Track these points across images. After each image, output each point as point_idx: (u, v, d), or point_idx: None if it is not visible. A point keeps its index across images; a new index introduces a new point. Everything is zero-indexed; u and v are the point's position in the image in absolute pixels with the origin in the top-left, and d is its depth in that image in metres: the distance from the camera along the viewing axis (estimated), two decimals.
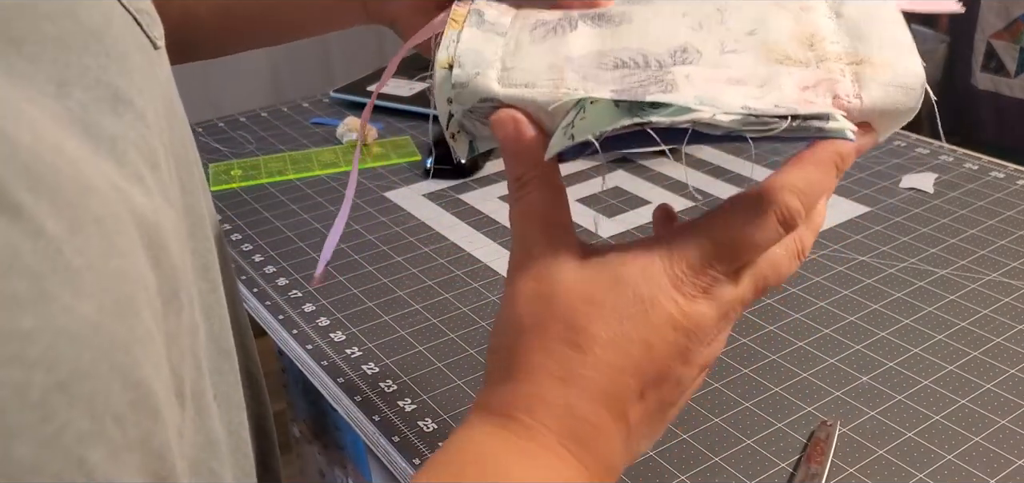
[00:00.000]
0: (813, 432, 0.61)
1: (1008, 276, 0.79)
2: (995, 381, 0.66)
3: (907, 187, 0.95)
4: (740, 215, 0.38)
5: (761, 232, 0.38)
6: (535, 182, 0.40)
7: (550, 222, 0.39)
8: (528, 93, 0.41)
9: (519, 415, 0.36)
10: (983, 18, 2.80)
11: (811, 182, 0.38)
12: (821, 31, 0.42)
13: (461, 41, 0.43)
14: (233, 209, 0.98)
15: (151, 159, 0.31)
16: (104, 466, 0.23)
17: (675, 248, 0.38)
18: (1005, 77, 2.79)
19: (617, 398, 0.37)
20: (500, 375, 0.38)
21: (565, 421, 0.36)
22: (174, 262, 0.30)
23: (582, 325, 0.37)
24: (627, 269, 0.38)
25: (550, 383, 0.36)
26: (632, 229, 0.90)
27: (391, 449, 0.63)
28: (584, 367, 0.36)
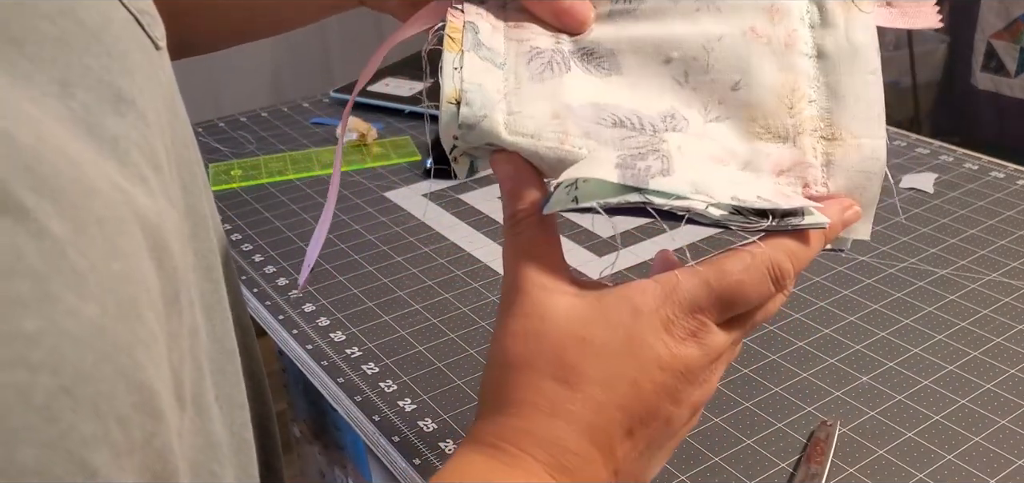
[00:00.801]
0: (813, 432, 0.61)
1: (1008, 276, 0.79)
2: (995, 381, 0.66)
3: (907, 187, 0.95)
4: (737, 270, 0.39)
5: (755, 289, 0.40)
6: (530, 222, 0.41)
7: (543, 261, 0.40)
8: (533, 144, 0.43)
9: (509, 447, 0.37)
10: (983, 18, 2.80)
11: (803, 249, 0.41)
12: (801, 85, 0.44)
13: (465, 72, 0.44)
14: (233, 209, 0.98)
15: (153, 160, 0.31)
16: (107, 469, 0.23)
17: (668, 292, 0.39)
18: (1005, 77, 2.80)
19: (605, 433, 0.38)
20: (491, 409, 0.39)
21: (553, 453, 0.37)
22: (176, 263, 0.29)
23: (572, 363, 0.38)
24: (618, 310, 0.39)
25: (539, 418, 0.37)
26: (632, 229, 0.90)
27: (391, 449, 0.63)
28: (573, 403, 0.37)
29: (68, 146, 0.26)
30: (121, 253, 0.26)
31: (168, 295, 0.28)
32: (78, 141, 0.27)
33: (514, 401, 0.38)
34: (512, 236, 0.41)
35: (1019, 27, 2.73)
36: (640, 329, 0.38)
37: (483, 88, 0.43)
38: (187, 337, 0.30)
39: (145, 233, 0.28)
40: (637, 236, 0.89)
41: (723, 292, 0.39)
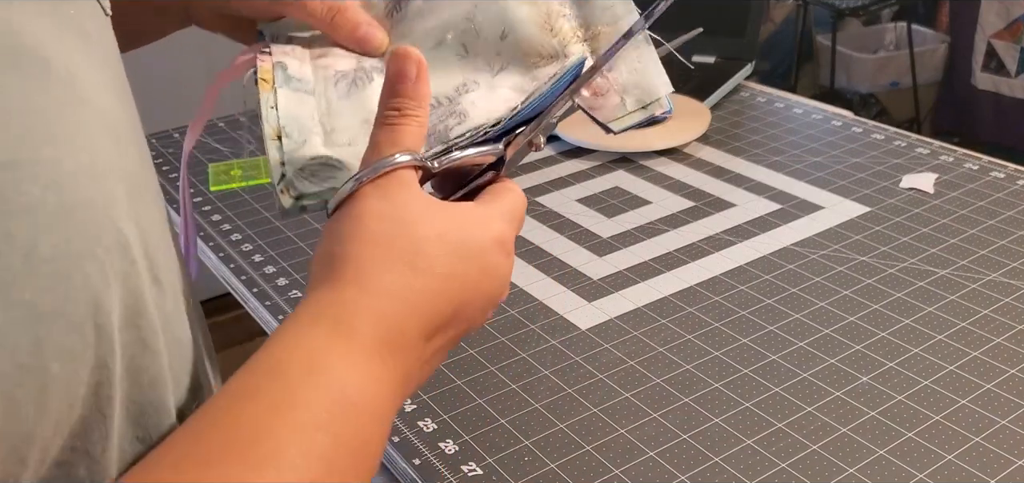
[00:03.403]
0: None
1: (1008, 276, 0.79)
2: (995, 381, 0.66)
3: (907, 187, 0.95)
4: (522, 197, 0.47)
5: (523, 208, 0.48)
6: (414, 117, 0.45)
7: (411, 152, 0.44)
8: (351, 150, 0.48)
9: (348, 319, 0.39)
10: (983, 18, 2.80)
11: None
12: (553, 7, 0.51)
13: (280, 108, 0.49)
14: (233, 209, 0.98)
15: (115, 80, 0.38)
16: (95, 279, 0.30)
17: (496, 214, 0.45)
18: (1005, 77, 2.79)
19: (432, 322, 0.41)
20: (338, 279, 0.40)
21: (387, 331, 0.39)
22: (129, 160, 0.35)
23: (426, 253, 0.41)
24: (468, 221, 0.43)
25: (383, 296, 0.40)
26: (632, 229, 0.90)
27: (391, 449, 0.63)
28: (415, 289, 0.40)
29: (65, 38, 0.33)
30: (98, 128, 0.32)
31: (132, 181, 0.34)
32: (72, 38, 0.34)
33: (366, 275, 0.40)
34: (390, 123, 0.44)
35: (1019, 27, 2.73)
36: (485, 240, 0.43)
37: (299, 118, 0.49)
38: (156, 219, 0.37)
39: (108, 129, 0.34)
40: (637, 236, 0.89)
41: (520, 212, 0.46)
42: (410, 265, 0.40)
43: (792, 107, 1.19)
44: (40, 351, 0.28)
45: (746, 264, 0.83)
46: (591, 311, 0.77)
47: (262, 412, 0.34)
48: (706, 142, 1.09)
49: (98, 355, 0.31)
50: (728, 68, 1.26)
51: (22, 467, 0.29)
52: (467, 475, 0.60)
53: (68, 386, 0.30)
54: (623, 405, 0.66)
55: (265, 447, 0.33)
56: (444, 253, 0.41)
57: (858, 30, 3.15)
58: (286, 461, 0.33)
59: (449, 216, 0.43)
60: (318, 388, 0.36)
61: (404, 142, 0.44)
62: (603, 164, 1.05)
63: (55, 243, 0.29)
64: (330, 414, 0.35)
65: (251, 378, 0.36)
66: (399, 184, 0.43)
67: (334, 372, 0.37)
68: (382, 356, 0.38)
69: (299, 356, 0.37)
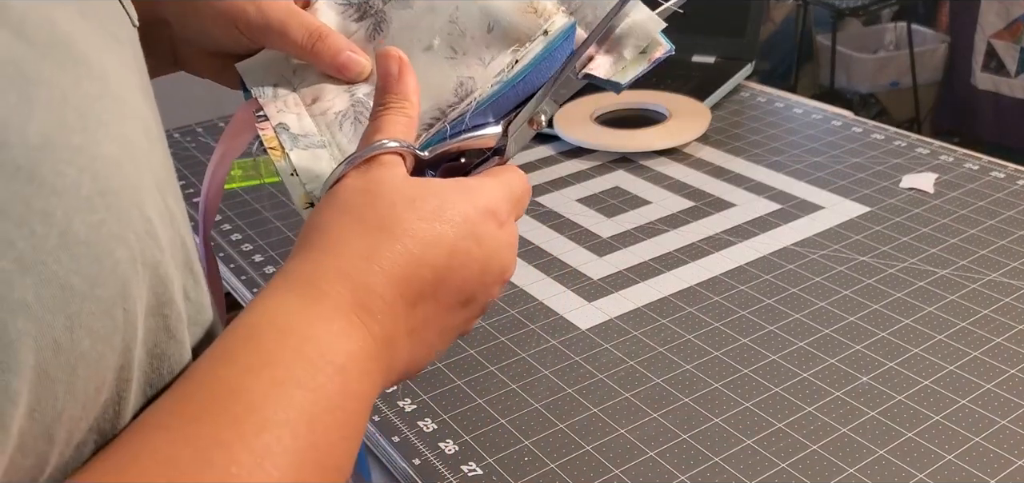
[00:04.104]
0: None
1: (1008, 276, 0.79)
2: (995, 381, 0.66)
3: (907, 187, 0.95)
4: (524, 179, 0.47)
5: (528, 194, 0.48)
6: (398, 109, 0.46)
7: (396, 139, 0.45)
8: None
9: (320, 283, 0.39)
10: (983, 18, 2.80)
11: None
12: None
13: (300, 173, 0.50)
14: (233, 209, 0.98)
15: (142, 82, 0.38)
16: (125, 264, 0.31)
17: (489, 186, 0.45)
18: (1005, 77, 2.79)
19: (412, 287, 0.41)
20: (310, 247, 0.41)
21: (360, 293, 0.39)
22: (158, 156, 0.36)
23: (399, 216, 0.41)
24: (450, 189, 0.43)
25: (355, 259, 0.40)
26: (632, 229, 0.90)
27: (391, 449, 0.63)
28: (390, 251, 0.40)
29: (94, 38, 0.34)
30: (129, 121, 0.33)
31: (160, 175, 0.35)
32: (100, 39, 0.35)
33: (336, 241, 0.41)
34: (375, 113, 0.46)
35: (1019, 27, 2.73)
36: (466, 209, 0.43)
37: (320, 176, 0.49)
38: (179, 216, 0.38)
39: (143, 123, 0.35)
40: (637, 236, 0.89)
41: (520, 193, 0.46)
42: (382, 229, 0.41)
43: (792, 107, 1.19)
44: (72, 329, 0.29)
45: (746, 264, 0.83)
46: (591, 311, 0.77)
47: (237, 373, 0.35)
48: (706, 142, 1.09)
49: (124, 339, 0.32)
50: (728, 68, 1.26)
51: (51, 446, 0.29)
52: (467, 475, 0.60)
53: (97, 368, 0.30)
54: (623, 405, 0.66)
55: (242, 404, 0.34)
56: (419, 218, 0.41)
57: (858, 30, 3.15)
58: (267, 416, 0.34)
59: (426, 186, 0.43)
60: (292, 348, 0.36)
61: (389, 131, 0.45)
62: (603, 164, 1.05)
63: (90, 225, 0.30)
64: (306, 372, 0.36)
65: (227, 344, 0.36)
66: (379, 165, 0.44)
67: (308, 332, 0.37)
68: (357, 315, 0.39)
69: (271, 319, 0.38)
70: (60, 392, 0.29)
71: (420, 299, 0.41)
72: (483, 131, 0.48)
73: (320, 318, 0.38)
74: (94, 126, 0.31)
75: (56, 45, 0.31)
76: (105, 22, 0.37)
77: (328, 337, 0.37)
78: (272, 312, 0.38)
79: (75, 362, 0.29)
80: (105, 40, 0.36)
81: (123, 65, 0.36)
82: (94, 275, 0.30)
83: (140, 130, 0.34)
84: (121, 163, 0.32)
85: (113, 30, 0.37)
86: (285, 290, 0.39)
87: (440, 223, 0.42)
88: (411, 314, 0.41)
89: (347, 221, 0.41)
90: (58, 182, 0.29)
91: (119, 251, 0.31)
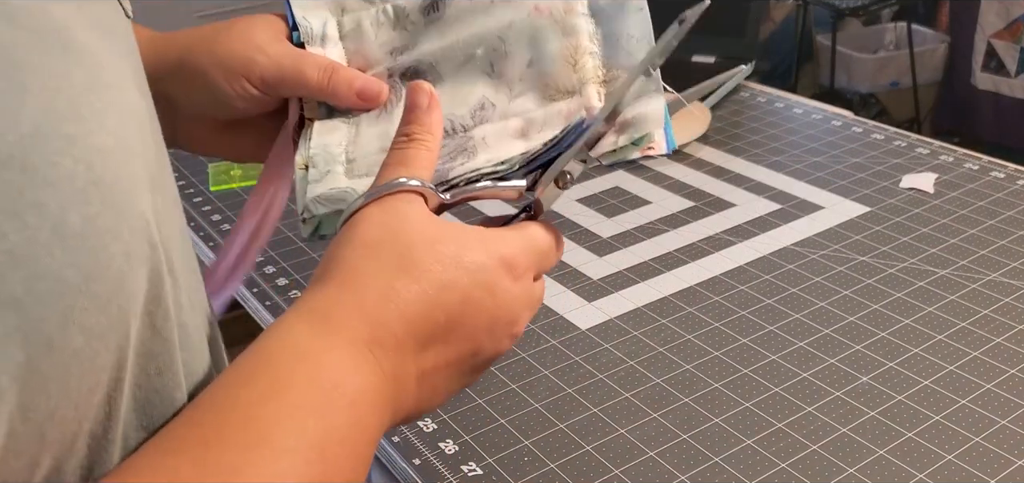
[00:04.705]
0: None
1: (1008, 276, 0.79)
2: (995, 381, 0.66)
3: (907, 187, 0.95)
4: (551, 235, 0.47)
5: (557, 252, 0.48)
6: (422, 143, 0.46)
7: (417, 177, 0.45)
8: (367, 181, 0.48)
9: (335, 316, 0.39)
10: (983, 18, 2.80)
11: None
12: (583, 43, 0.51)
13: (313, 138, 0.51)
14: (233, 209, 0.98)
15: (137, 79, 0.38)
16: (120, 261, 0.30)
17: (508, 238, 0.45)
18: (1005, 77, 2.79)
19: (424, 329, 0.41)
20: (327, 281, 0.41)
21: (374, 329, 0.39)
22: (152, 151, 0.36)
23: (418, 258, 0.41)
24: (469, 236, 0.43)
25: (372, 296, 0.40)
26: (632, 229, 0.90)
27: (391, 449, 0.63)
28: (407, 292, 0.40)
29: (92, 35, 0.34)
30: (122, 113, 0.33)
31: (152, 169, 0.35)
32: (97, 34, 0.34)
33: (354, 277, 0.41)
34: (398, 147, 0.46)
35: (1019, 27, 2.73)
36: (484, 259, 0.43)
37: (327, 147, 0.51)
38: (173, 214, 0.38)
39: (136, 120, 0.34)
40: (637, 236, 0.89)
41: (545, 250, 0.46)
42: (399, 268, 0.41)
43: (792, 107, 1.19)
44: (65, 326, 0.28)
45: (746, 264, 0.83)
46: (591, 311, 0.77)
47: (255, 398, 0.35)
48: (706, 142, 1.09)
49: (118, 337, 0.31)
50: (728, 68, 1.26)
51: (43, 447, 0.29)
52: (467, 475, 0.60)
53: (91, 367, 0.30)
54: (623, 405, 0.66)
55: (258, 429, 0.34)
56: (436, 261, 0.41)
57: (858, 30, 3.15)
58: (279, 443, 0.34)
59: (446, 230, 0.43)
60: (307, 377, 0.36)
61: (411, 166, 0.45)
62: (603, 164, 1.05)
63: (84, 217, 0.29)
64: (320, 402, 0.36)
65: (244, 367, 0.36)
66: (401, 200, 0.43)
67: (322, 362, 0.37)
68: (370, 350, 0.39)
69: (288, 346, 0.38)
70: (53, 390, 0.28)
71: (431, 342, 0.41)
72: (503, 185, 0.47)
73: (334, 349, 0.38)
74: (88, 116, 0.30)
75: (49, 33, 0.31)
76: (100, 13, 0.36)
77: (342, 369, 0.37)
78: (288, 341, 0.38)
79: (68, 360, 0.29)
80: (100, 31, 0.35)
81: (118, 56, 0.36)
82: (89, 270, 0.29)
83: (134, 123, 0.34)
84: (115, 155, 0.31)
85: (108, 21, 0.37)
86: (302, 320, 0.39)
87: (456, 269, 0.42)
88: (421, 356, 0.41)
89: (365, 255, 0.41)
90: (51, 172, 0.28)
91: (113, 246, 0.30)
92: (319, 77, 0.53)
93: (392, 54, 0.54)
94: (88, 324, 0.29)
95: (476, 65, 0.52)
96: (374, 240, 0.42)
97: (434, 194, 0.45)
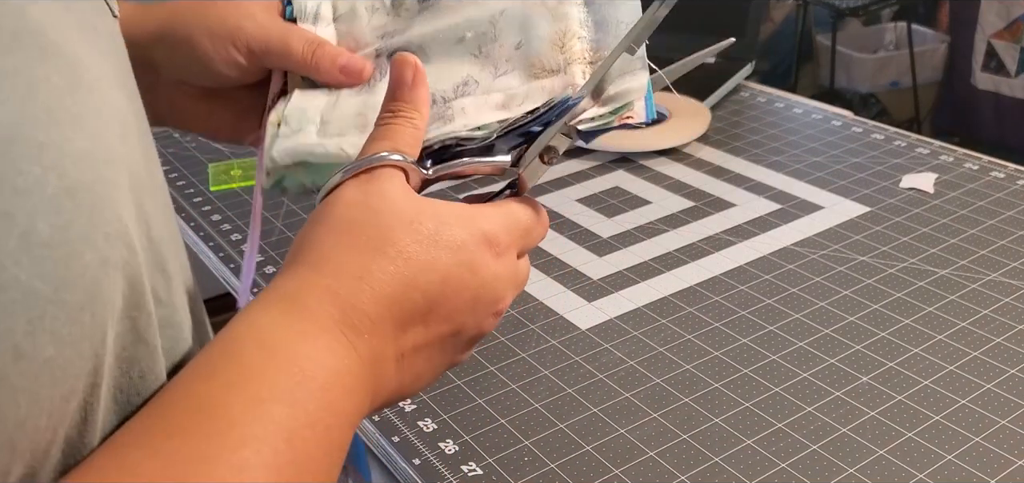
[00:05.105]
0: None
1: (1008, 276, 0.79)
2: (995, 381, 0.66)
3: (907, 187, 0.95)
4: (534, 211, 0.46)
5: (541, 229, 0.47)
6: (408, 119, 0.45)
7: (399, 152, 0.44)
8: (339, 140, 0.49)
9: (306, 300, 0.38)
10: (983, 18, 2.80)
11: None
12: (572, 28, 0.51)
13: (291, 101, 0.52)
14: (233, 209, 0.99)
15: (121, 78, 0.37)
16: (94, 269, 0.30)
17: (490, 215, 0.44)
18: (1005, 77, 2.79)
19: (402, 309, 0.40)
20: (300, 263, 0.40)
21: (347, 312, 0.38)
22: (136, 153, 0.35)
23: (395, 238, 0.40)
24: (450, 213, 0.42)
25: (346, 278, 0.39)
26: (632, 229, 0.90)
27: (391, 449, 0.63)
28: (382, 272, 0.39)
29: (75, 36, 0.34)
30: (102, 116, 0.32)
31: (133, 169, 0.34)
32: (77, 34, 0.34)
33: (327, 259, 0.39)
34: (383, 121, 0.45)
35: (1019, 27, 2.73)
36: (465, 236, 0.42)
37: (305, 111, 0.51)
38: (158, 213, 0.37)
39: (119, 120, 0.34)
40: (637, 236, 0.89)
41: (527, 226, 0.45)
42: (375, 249, 0.40)
43: (792, 107, 1.19)
44: (35, 335, 0.28)
45: (746, 264, 0.83)
46: (591, 311, 0.77)
47: (217, 389, 0.34)
48: (706, 142, 1.09)
49: (93, 344, 0.30)
50: (728, 68, 1.26)
51: (13, 457, 0.28)
52: (467, 475, 0.60)
53: (64, 375, 0.29)
54: (623, 405, 0.66)
55: (220, 420, 0.33)
56: (414, 241, 0.40)
57: (858, 30, 3.15)
58: (243, 431, 0.33)
59: (426, 207, 0.42)
60: (274, 364, 0.35)
61: (395, 141, 0.44)
62: (603, 164, 1.05)
63: (54, 226, 0.28)
64: (288, 388, 0.35)
65: (207, 359, 0.35)
66: (380, 178, 0.42)
67: (291, 348, 0.36)
68: (343, 333, 0.38)
69: (253, 335, 0.37)
70: (22, 400, 0.28)
71: (410, 323, 0.40)
72: (486, 159, 0.47)
73: (305, 335, 0.37)
74: (62, 121, 0.30)
75: (24, 35, 0.30)
76: (82, 12, 0.36)
77: (312, 354, 0.36)
78: (255, 327, 0.37)
79: (38, 369, 0.28)
80: (81, 31, 0.35)
81: (100, 56, 0.35)
82: (60, 278, 0.28)
83: (115, 125, 0.33)
84: (92, 160, 0.31)
85: (91, 20, 0.36)
86: (270, 305, 0.38)
87: (435, 248, 0.41)
88: (400, 338, 0.40)
89: (340, 239, 0.40)
90: (20, 181, 0.28)
91: (87, 254, 0.30)
92: (304, 50, 0.53)
93: (383, 37, 0.55)
94: (60, 333, 0.29)
95: (465, 47, 0.52)
96: (351, 220, 0.41)
97: (416, 170, 0.44)
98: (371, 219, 0.41)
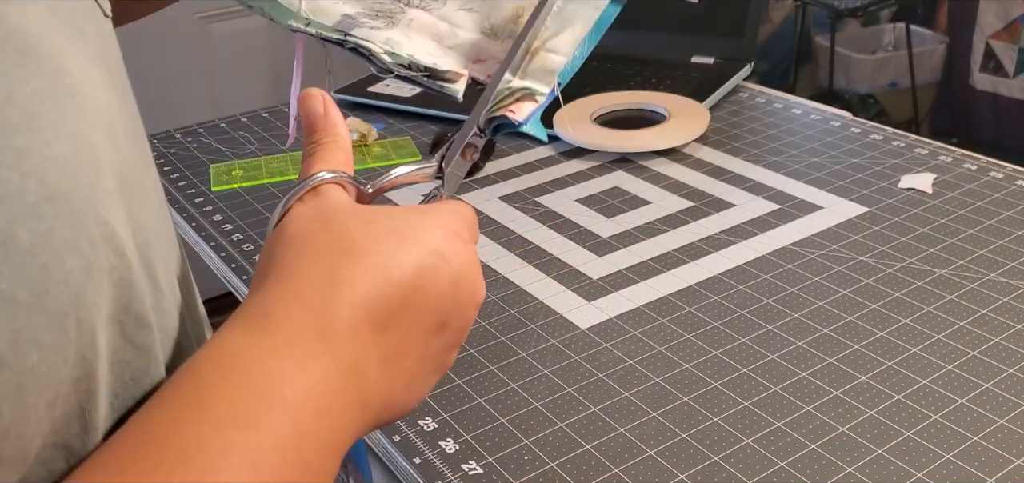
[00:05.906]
0: None
1: (1006, 276, 0.79)
2: (994, 381, 0.66)
3: (906, 187, 0.95)
4: (469, 207, 0.46)
5: (477, 223, 0.47)
6: (330, 142, 0.45)
7: (335, 171, 0.44)
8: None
9: (273, 316, 0.36)
10: (982, 18, 2.80)
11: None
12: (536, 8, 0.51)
13: None
14: (234, 209, 0.99)
15: (109, 78, 0.37)
16: (78, 272, 0.29)
17: (442, 208, 0.44)
18: (1004, 77, 2.80)
19: (377, 307, 0.38)
20: (264, 281, 0.38)
21: (320, 318, 0.36)
22: (125, 155, 0.35)
23: (356, 237, 0.39)
24: (405, 211, 0.42)
25: (314, 285, 0.37)
26: (632, 229, 0.90)
27: (391, 449, 0.63)
28: (353, 272, 0.38)
29: (58, 35, 0.33)
30: (86, 121, 0.32)
31: (122, 175, 0.34)
32: (62, 34, 0.34)
33: (291, 269, 0.38)
34: (309, 152, 0.45)
35: (1017, 28, 2.73)
36: (426, 225, 0.41)
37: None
38: (151, 217, 0.37)
39: (104, 119, 0.33)
40: (637, 236, 0.89)
41: (472, 222, 0.45)
42: (341, 250, 0.38)
43: (791, 107, 1.19)
44: (17, 344, 0.27)
45: (745, 264, 0.83)
46: (591, 311, 0.77)
47: (173, 415, 0.32)
48: (705, 142, 1.10)
49: (79, 350, 0.30)
50: (727, 69, 1.26)
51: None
52: (467, 474, 0.60)
53: (49, 381, 0.29)
54: (623, 404, 0.66)
55: (176, 449, 0.31)
56: (375, 238, 0.39)
57: (857, 31, 3.15)
58: (200, 461, 0.30)
59: (378, 209, 0.41)
60: (235, 385, 0.33)
61: (328, 162, 0.44)
62: (602, 164, 1.05)
63: (36, 233, 0.28)
64: (250, 411, 0.33)
65: (171, 384, 0.34)
66: (325, 193, 0.42)
67: (255, 367, 0.34)
68: (317, 343, 0.36)
69: (217, 356, 0.35)
70: (5, 409, 0.27)
71: (390, 321, 0.38)
72: (419, 166, 0.48)
73: (270, 350, 0.35)
74: (43, 126, 0.29)
75: (3, 39, 0.30)
76: (68, 14, 0.35)
77: (278, 371, 0.34)
78: (218, 349, 0.35)
79: (23, 378, 0.28)
80: (67, 33, 0.34)
81: (85, 59, 0.35)
82: (42, 286, 0.28)
83: (101, 128, 0.33)
84: (75, 164, 0.30)
85: (78, 22, 0.36)
86: (237, 326, 0.36)
87: (399, 240, 0.40)
88: (382, 339, 0.38)
89: (302, 250, 0.39)
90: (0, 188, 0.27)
91: (70, 260, 0.29)
92: None
93: None
94: (43, 340, 0.28)
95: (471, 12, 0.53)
96: (309, 232, 0.40)
97: (354, 185, 0.44)
98: (327, 226, 0.40)
